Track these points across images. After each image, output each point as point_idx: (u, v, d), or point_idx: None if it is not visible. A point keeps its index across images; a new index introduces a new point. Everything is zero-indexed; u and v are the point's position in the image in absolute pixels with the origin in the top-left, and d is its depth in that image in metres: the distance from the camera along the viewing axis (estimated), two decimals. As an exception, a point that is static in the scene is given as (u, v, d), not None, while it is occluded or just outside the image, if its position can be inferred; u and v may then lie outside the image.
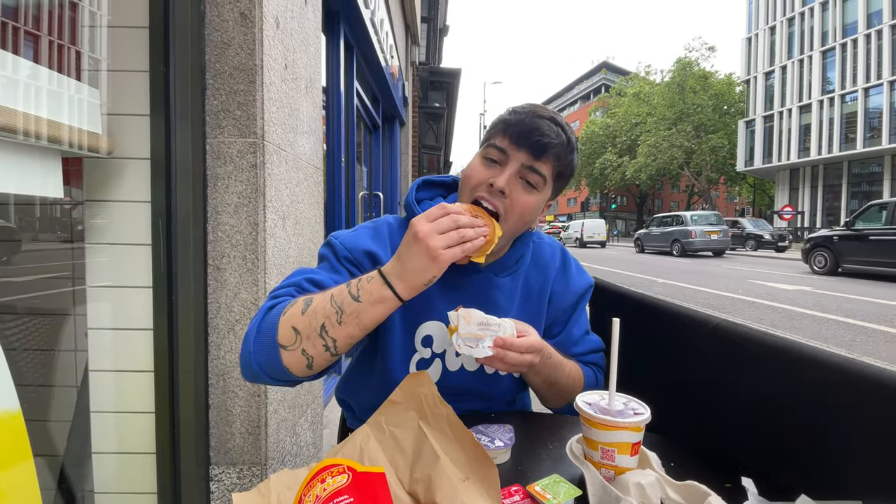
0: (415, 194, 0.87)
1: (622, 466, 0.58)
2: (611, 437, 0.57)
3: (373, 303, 0.61)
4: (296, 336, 0.62)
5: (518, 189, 0.73)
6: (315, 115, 1.60)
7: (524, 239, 0.86)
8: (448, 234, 0.61)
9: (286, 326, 0.63)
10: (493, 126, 0.78)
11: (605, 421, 0.57)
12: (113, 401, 1.10)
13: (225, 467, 1.17)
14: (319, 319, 0.62)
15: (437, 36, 11.78)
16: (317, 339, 0.62)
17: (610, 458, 0.58)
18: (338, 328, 0.62)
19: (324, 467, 0.51)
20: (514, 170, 0.73)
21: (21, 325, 1.08)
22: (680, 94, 30.27)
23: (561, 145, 0.74)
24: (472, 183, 0.75)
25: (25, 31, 0.86)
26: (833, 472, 0.53)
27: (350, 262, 0.78)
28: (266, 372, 0.65)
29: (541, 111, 0.76)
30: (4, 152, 0.77)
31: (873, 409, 0.48)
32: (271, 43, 1.19)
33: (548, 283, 0.88)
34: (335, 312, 0.62)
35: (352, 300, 0.62)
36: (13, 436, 0.75)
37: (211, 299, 1.14)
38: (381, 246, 0.80)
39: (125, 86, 1.03)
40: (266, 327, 0.64)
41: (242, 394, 1.16)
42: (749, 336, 0.61)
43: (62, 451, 1.10)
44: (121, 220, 1.07)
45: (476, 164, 0.77)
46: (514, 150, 0.73)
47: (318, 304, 0.63)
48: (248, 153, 1.13)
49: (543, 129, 0.73)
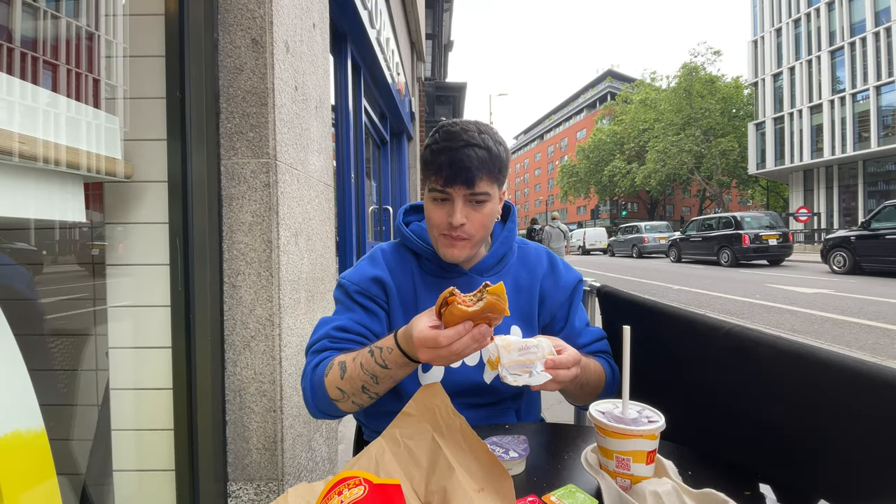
0: (402, 218, 0.99)
1: (638, 475, 0.58)
2: (625, 445, 0.57)
3: (400, 366, 0.72)
4: (342, 394, 0.77)
5: (472, 212, 0.83)
6: (325, 133, 1.63)
7: (502, 239, 0.94)
8: (446, 357, 0.66)
9: (332, 388, 0.77)
10: (425, 167, 0.86)
11: (619, 429, 0.57)
12: (133, 418, 1.12)
13: (242, 483, 1.18)
14: (358, 383, 0.75)
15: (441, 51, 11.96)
16: (361, 395, 0.76)
17: (625, 466, 0.58)
18: (376, 386, 0.75)
19: (340, 479, 0.52)
20: (461, 203, 0.82)
21: (45, 346, 1.12)
22: (687, 99, 30.13)
23: (485, 160, 0.80)
24: (435, 225, 0.85)
25: (45, 61, 0.90)
26: (852, 477, 0.52)
27: (361, 295, 0.89)
28: (329, 416, 0.82)
29: (454, 140, 0.81)
30: (28, 178, 0.81)
31: (890, 412, 0.47)
32: (282, 66, 1.22)
33: (536, 282, 0.95)
34: (370, 378, 0.74)
35: (381, 368, 0.73)
36: (38, 455, 0.77)
37: (227, 316, 1.17)
38: (380, 270, 0.91)
39: (143, 112, 1.07)
40: (317, 388, 0.79)
41: (259, 409, 1.18)
42: (761, 341, 0.61)
43: (84, 470, 1.12)
44: (140, 241, 1.10)
45: (430, 207, 0.86)
46: (452, 188, 0.81)
47: (353, 373, 0.75)
48: (261, 173, 1.16)
49: (465, 161, 0.79)
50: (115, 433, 1.11)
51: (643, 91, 35.01)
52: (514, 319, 0.92)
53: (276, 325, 1.18)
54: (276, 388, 1.18)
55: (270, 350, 1.18)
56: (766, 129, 27.48)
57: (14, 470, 0.72)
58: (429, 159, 0.83)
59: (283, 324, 1.21)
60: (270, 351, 1.18)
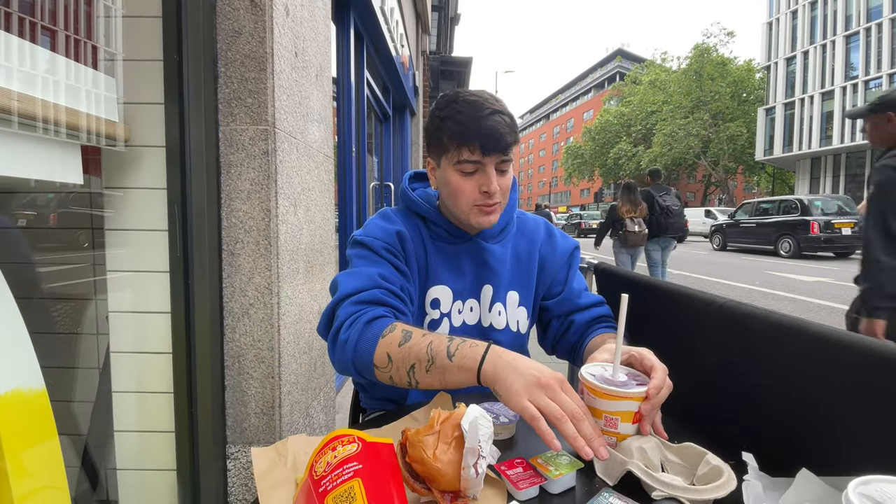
0: (408, 183, 0.97)
1: (624, 433, 0.61)
2: (614, 406, 0.60)
3: (460, 368, 0.64)
4: (388, 363, 0.69)
5: (500, 178, 0.83)
6: (325, 103, 1.61)
7: (506, 209, 0.94)
8: (549, 406, 0.57)
9: (382, 351, 0.69)
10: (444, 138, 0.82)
11: (610, 391, 0.60)
12: (134, 381, 1.14)
13: (241, 446, 1.21)
14: (411, 360, 0.67)
15: (448, 25, 11.68)
16: (404, 374, 0.69)
17: (613, 425, 0.61)
18: (424, 375, 0.67)
19: (334, 437, 0.53)
20: (493, 171, 0.82)
21: (45, 310, 1.13)
22: (697, 82, 29.55)
23: (511, 125, 0.82)
24: (468, 197, 0.83)
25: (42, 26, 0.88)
26: (835, 447, 0.53)
27: (388, 252, 0.84)
28: (360, 374, 0.73)
29: (480, 109, 0.80)
30: (27, 140, 0.80)
31: (872, 383, 0.48)
32: (281, 31, 1.20)
33: (535, 250, 0.98)
34: (427, 360, 0.66)
35: (445, 356, 0.65)
36: (38, 413, 0.79)
37: (226, 283, 1.17)
38: (398, 224, 0.89)
39: (140, 75, 1.06)
40: (366, 344, 0.71)
41: (257, 375, 1.20)
42: (753, 315, 0.61)
43: (86, 431, 1.15)
44: (138, 208, 1.10)
45: (457, 179, 0.83)
46: (487, 158, 0.81)
47: (416, 345, 0.68)
48: (259, 140, 1.15)
49: (498, 128, 0.79)
50: (116, 395, 1.14)
51: (653, 72, 34.32)
52: (512, 286, 0.94)
53: (274, 293, 1.18)
54: (274, 356, 1.20)
55: (269, 318, 1.19)
56: (776, 114, 27.04)
57: (15, 427, 0.73)
58: (456, 130, 0.80)
59: (282, 293, 1.22)
60: (269, 319, 1.19)
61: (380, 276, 0.79)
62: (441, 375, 0.66)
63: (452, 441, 0.52)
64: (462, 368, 0.64)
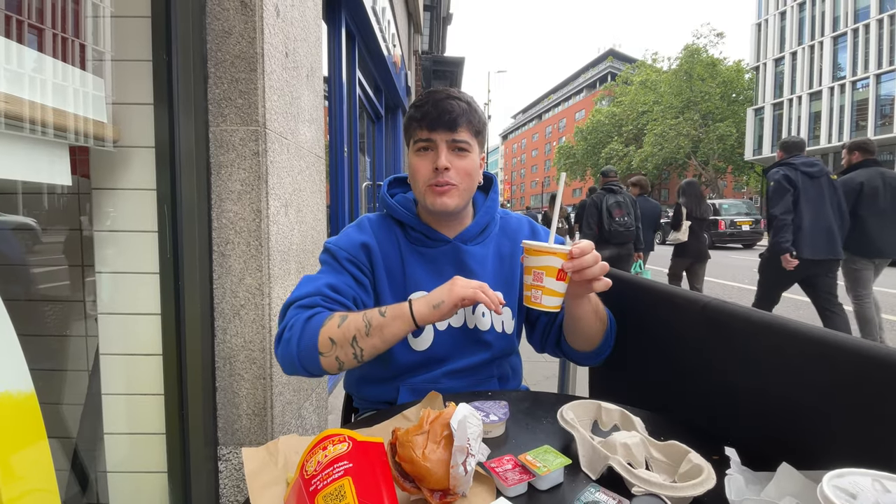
0: (387, 189, 1.01)
1: (549, 288, 0.71)
2: (540, 261, 0.71)
3: (394, 318, 0.75)
4: (332, 345, 0.76)
5: (455, 159, 0.87)
6: (316, 103, 1.61)
7: (485, 209, 0.97)
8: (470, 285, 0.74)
9: (325, 337, 0.76)
10: (409, 125, 0.90)
11: (535, 246, 0.72)
12: (123, 383, 1.13)
13: (232, 447, 1.20)
14: (352, 332, 0.76)
15: (440, 24, 11.68)
16: (348, 348, 0.76)
17: (539, 279, 0.71)
18: (365, 339, 0.75)
19: (325, 436, 0.53)
20: (444, 148, 0.85)
21: (34, 312, 1.12)
22: (687, 82, 29.82)
23: (466, 112, 0.86)
24: (422, 176, 0.87)
25: (29, 24, 0.88)
26: (815, 442, 0.55)
27: (350, 262, 0.89)
28: (306, 369, 0.79)
29: (438, 94, 0.87)
30: (14, 141, 0.79)
31: (850, 379, 0.49)
32: (271, 31, 1.20)
33: (518, 247, 0.97)
34: (365, 325, 0.75)
35: (378, 315, 0.76)
36: (28, 416, 0.78)
37: (216, 285, 1.17)
38: (367, 236, 0.92)
39: (129, 75, 1.05)
40: (308, 336, 0.77)
41: (248, 376, 1.19)
42: (736, 314, 0.63)
43: (75, 433, 1.14)
44: (127, 208, 1.09)
45: (415, 161, 0.88)
46: (435, 134, 0.85)
47: (352, 320, 0.77)
48: (250, 141, 1.15)
49: (447, 107, 0.85)
50: (106, 397, 1.13)
51: (644, 72, 34.58)
52: (496, 286, 0.94)
53: (265, 294, 1.18)
54: (265, 357, 1.20)
55: (260, 319, 1.19)
56: (765, 114, 27.38)
57: (3, 431, 0.73)
58: (413, 115, 0.87)
59: (273, 293, 1.21)
60: (260, 320, 1.19)
61: (329, 286, 0.85)
62: (380, 333, 0.75)
63: (442, 440, 0.52)
64: (396, 317, 0.75)
